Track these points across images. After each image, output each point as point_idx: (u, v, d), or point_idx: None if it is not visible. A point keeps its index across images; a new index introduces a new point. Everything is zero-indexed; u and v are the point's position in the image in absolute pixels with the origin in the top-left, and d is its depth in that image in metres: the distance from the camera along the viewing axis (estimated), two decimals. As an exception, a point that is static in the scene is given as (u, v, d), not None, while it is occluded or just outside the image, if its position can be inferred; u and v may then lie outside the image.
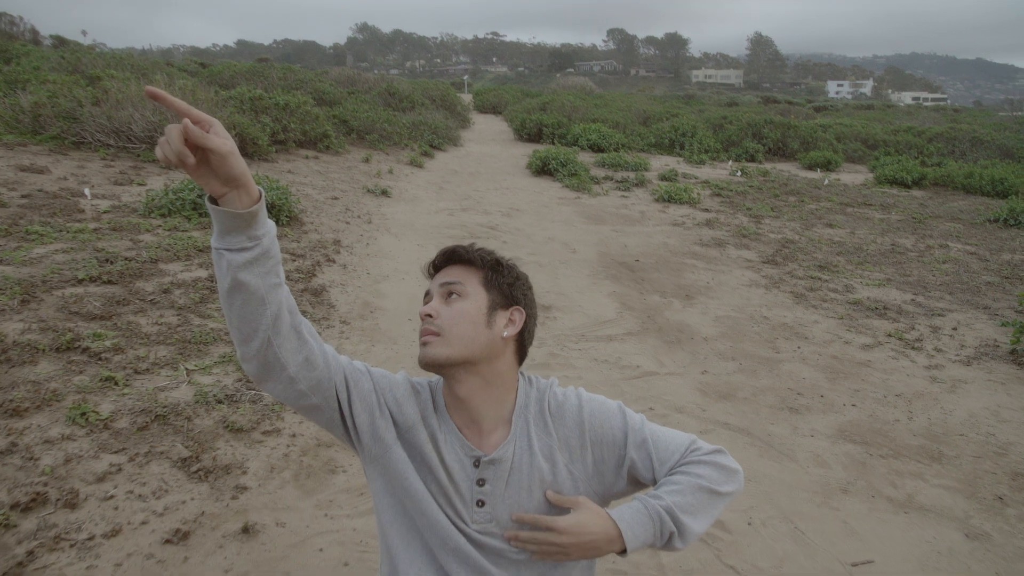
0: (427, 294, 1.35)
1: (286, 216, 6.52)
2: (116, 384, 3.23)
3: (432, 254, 1.43)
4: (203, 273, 4.81)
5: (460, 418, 1.31)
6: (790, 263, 6.98)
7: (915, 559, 2.56)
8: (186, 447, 2.86)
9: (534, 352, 4.36)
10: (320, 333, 4.29)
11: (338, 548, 2.48)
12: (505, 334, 1.31)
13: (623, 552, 1.19)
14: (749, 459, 3.21)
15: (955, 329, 5.23)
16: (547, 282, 5.90)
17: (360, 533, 2.59)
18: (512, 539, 1.24)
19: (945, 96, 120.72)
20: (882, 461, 3.24)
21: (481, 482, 1.26)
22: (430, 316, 1.28)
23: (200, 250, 5.28)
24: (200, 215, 6.10)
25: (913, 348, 4.77)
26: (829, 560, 2.54)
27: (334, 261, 5.78)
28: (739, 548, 2.58)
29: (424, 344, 1.27)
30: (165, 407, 3.09)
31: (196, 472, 2.74)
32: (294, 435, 3.15)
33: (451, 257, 1.35)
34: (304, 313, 4.51)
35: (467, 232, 7.48)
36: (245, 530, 2.48)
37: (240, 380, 3.49)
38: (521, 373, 1.37)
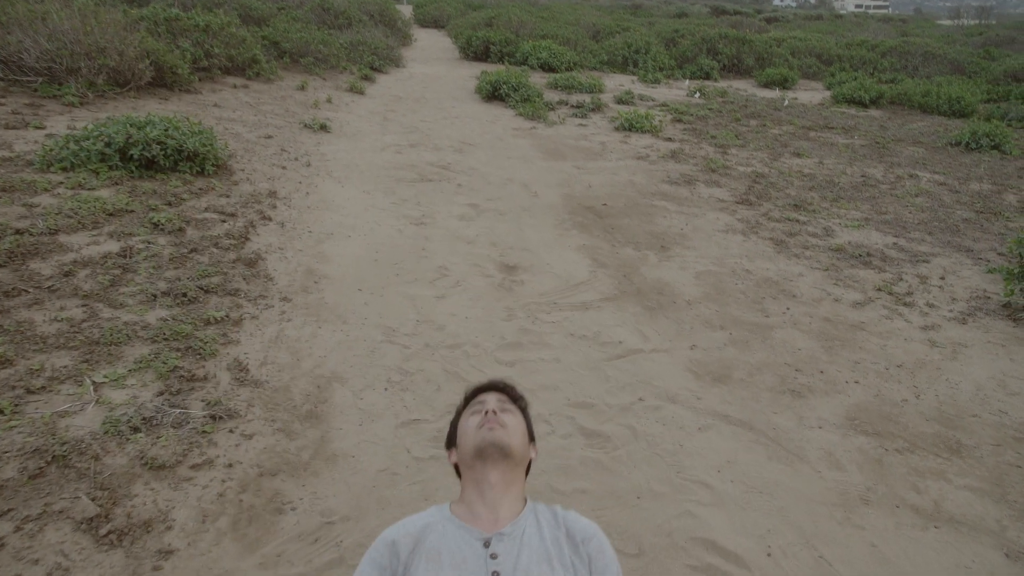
0: (484, 401, 1.72)
1: (212, 165, 5.73)
2: (2, 413, 2.63)
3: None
4: (114, 246, 4.10)
5: (474, 507, 1.55)
6: (764, 202, 6.60)
7: (957, 592, 2.28)
8: (93, 499, 2.32)
9: (503, 329, 3.90)
10: (258, 316, 3.71)
11: (291, 628, 2.04)
12: (532, 455, 1.75)
13: None
14: (758, 463, 2.86)
15: (943, 279, 4.97)
16: (511, 235, 5.36)
17: (318, 600, 2.14)
18: None
19: (887, 3, 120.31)
20: (899, 458, 2.94)
21: (494, 556, 1.43)
22: (495, 413, 1.65)
23: (110, 214, 4.53)
24: (110, 168, 5.27)
25: (905, 304, 4.48)
26: (863, 599, 2.23)
27: (270, 219, 5.10)
28: (762, 589, 2.24)
29: (491, 429, 1.60)
30: (66, 444, 2.52)
31: (107, 536, 2.22)
32: (230, 464, 2.63)
33: (503, 388, 1.80)
34: (238, 292, 3.90)
35: (418, 174, 6.81)
36: (172, 616, 2.01)
37: (162, 393, 2.92)
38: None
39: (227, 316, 3.62)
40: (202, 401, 2.93)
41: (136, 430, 2.66)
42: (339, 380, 3.31)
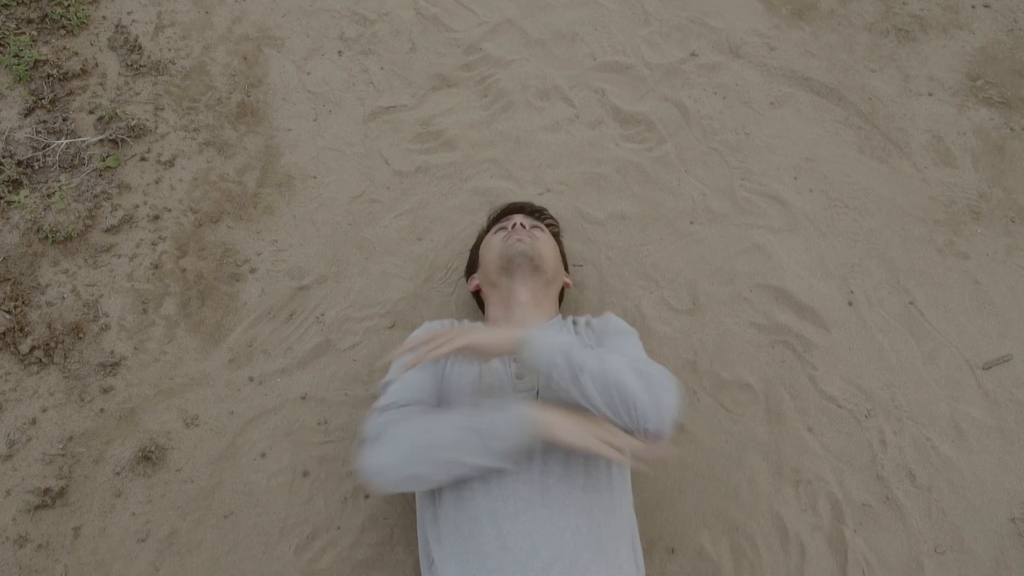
0: (511, 219, 1.67)
1: None
2: None
3: None
4: None
5: (500, 325, 1.53)
6: None
7: (1065, 345, 1.93)
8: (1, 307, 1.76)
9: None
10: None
11: (288, 453, 1.73)
12: (566, 280, 1.72)
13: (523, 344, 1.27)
14: (845, 158, 2.20)
15: None
16: None
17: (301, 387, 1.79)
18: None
19: None
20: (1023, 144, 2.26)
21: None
22: (524, 226, 1.62)
23: None
24: None
25: None
26: (955, 360, 1.88)
27: None
28: (837, 354, 1.88)
29: (520, 240, 1.57)
30: (-83, 221, 1.83)
31: (32, 354, 1.74)
32: (156, 216, 1.99)
33: (532, 211, 1.77)
34: None
35: None
36: (146, 456, 1.68)
37: (32, 110, 2.05)
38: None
39: (84, -61, 2.41)
40: (90, 114, 2.09)
41: (16, 185, 1.92)
42: (272, 43, 2.36)
